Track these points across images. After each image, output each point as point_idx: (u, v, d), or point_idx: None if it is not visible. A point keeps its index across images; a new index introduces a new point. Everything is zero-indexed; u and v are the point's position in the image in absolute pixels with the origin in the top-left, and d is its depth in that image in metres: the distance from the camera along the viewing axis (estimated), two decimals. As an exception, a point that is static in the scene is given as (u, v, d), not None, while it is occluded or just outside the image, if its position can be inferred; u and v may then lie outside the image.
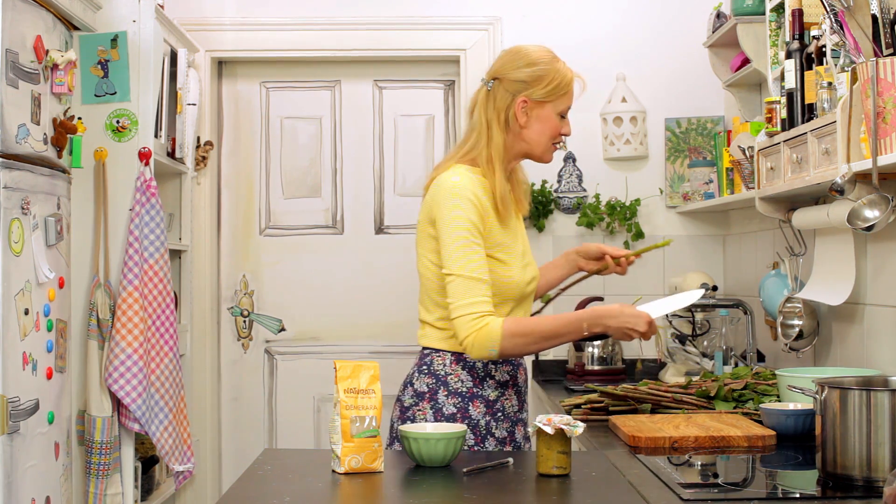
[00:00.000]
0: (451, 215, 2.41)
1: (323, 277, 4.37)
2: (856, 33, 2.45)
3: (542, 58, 2.54)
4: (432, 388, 2.50)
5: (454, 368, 2.50)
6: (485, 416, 2.50)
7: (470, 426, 2.48)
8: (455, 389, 2.49)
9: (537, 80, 2.52)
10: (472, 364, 2.50)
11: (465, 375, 2.50)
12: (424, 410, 2.49)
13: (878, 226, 2.42)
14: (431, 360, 2.52)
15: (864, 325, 2.86)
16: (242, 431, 4.36)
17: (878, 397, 1.97)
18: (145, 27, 3.32)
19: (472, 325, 2.36)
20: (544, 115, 2.54)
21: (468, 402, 2.49)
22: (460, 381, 2.50)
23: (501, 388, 2.53)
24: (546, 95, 2.53)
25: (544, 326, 2.40)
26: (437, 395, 2.50)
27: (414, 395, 2.52)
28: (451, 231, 2.40)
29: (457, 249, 2.39)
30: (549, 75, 2.53)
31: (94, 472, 3.14)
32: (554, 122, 2.55)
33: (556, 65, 2.55)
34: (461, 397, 2.49)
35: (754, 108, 3.71)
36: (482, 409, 2.50)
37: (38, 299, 2.80)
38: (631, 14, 4.27)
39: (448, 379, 2.50)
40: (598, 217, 4.18)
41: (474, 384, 2.50)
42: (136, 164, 3.31)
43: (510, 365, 2.55)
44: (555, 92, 2.53)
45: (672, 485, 2.01)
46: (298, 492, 1.99)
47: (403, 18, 4.27)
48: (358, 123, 4.41)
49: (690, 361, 3.75)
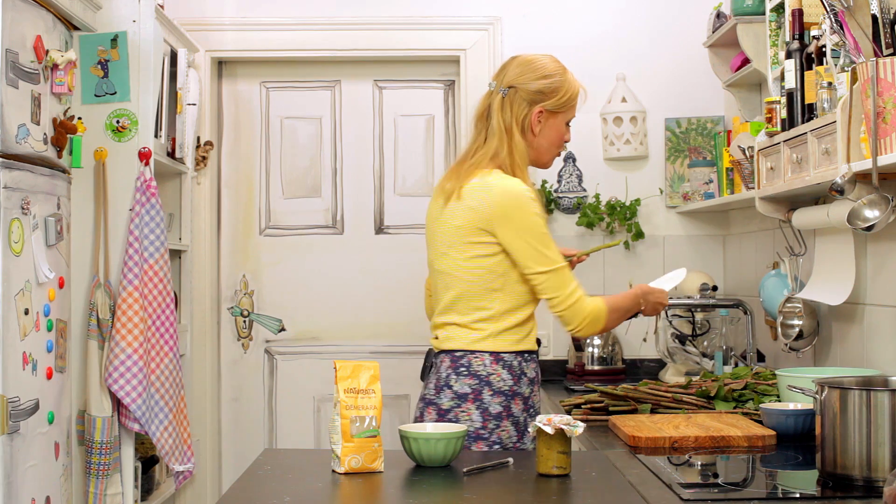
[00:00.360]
0: (531, 218, 2.53)
1: (323, 277, 4.37)
2: (856, 33, 2.45)
3: (557, 70, 2.67)
4: (476, 389, 2.54)
5: (495, 368, 2.55)
6: (523, 412, 2.57)
7: (512, 423, 2.54)
8: (499, 388, 2.55)
9: (553, 92, 2.64)
10: (510, 363, 2.56)
11: (506, 374, 2.56)
12: (469, 411, 2.53)
13: (878, 226, 2.42)
14: (469, 362, 2.56)
15: (864, 325, 2.86)
16: (242, 431, 4.36)
17: (878, 397, 1.97)
18: (145, 27, 3.32)
19: (583, 307, 2.54)
20: (556, 124, 2.67)
21: (510, 401, 2.55)
22: (502, 381, 2.55)
23: (531, 385, 2.61)
24: (559, 106, 2.65)
25: (622, 303, 2.65)
26: (481, 395, 2.54)
27: (454, 397, 2.55)
28: (533, 232, 2.53)
29: (545, 247, 2.53)
30: (563, 87, 2.66)
31: (94, 472, 3.14)
32: (562, 130, 2.69)
33: (567, 76, 2.68)
34: (504, 396, 2.55)
35: (754, 108, 3.71)
36: (521, 406, 2.57)
37: (38, 299, 2.80)
38: (631, 14, 4.27)
39: (491, 379, 2.55)
40: (598, 217, 4.18)
41: (514, 382, 2.56)
42: (136, 164, 3.31)
43: (534, 362, 2.64)
44: (567, 103, 2.67)
45: (672, 485, 2.02)
46: (298, 492, 1.99)
47: (403, 18, 4.27)
48: (358, 123, 4.41)
49: (690, 361, 3.76)
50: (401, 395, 4.31)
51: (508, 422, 2.53)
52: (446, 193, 2.61)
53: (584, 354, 4.00)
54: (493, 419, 2.52)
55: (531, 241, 2.52)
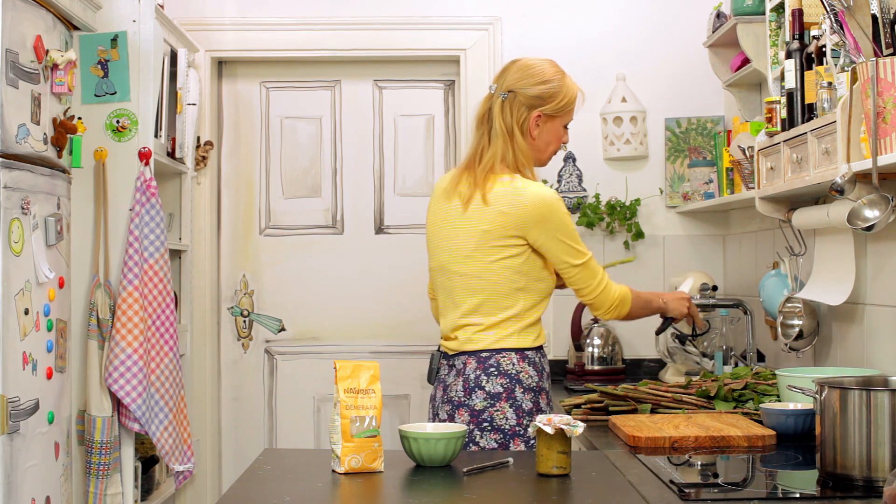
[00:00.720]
0: (563, 219, 2.65)
1: (323, 277, 4.37)
2: (856, 33, 2.45)
3: (555, 75, 2.74)
4: (508, 388, 2.60)
5: (522, 366, 2.63)
6: (548, 406, 2.69)
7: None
8: (529, 386, 2.62)
9: (551, 97, 2.72)
10: (533, 360, 2.65)
11: (532, 371, 2.64)
12: (503, 410, 2.59)
13: (878, 226, 2.42)
14: (498, 362, 2.61)
15: (864, 325, 2.86)
16: (242, 431, 4.36)
17: (878, 397, 1.97)
18: (145, 27, 3.32)
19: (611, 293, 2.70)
20: (553, 127, 2.75)
21: (538, 397, 2.64)
22: (530, 377, 2.63)
23: (548, 381, 2.72)
24: (557, 111, 2.73)
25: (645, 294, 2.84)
26: (514, 393, 2.60)
27: (487, 397, 2.60)
28: (566, 231, 2.65)
29: (576, 242, 2.66)
30: (561, 92, 2.73)
31: (94, 472, 3.14)
32: (560, 133, 2.77)
33: (565, 81, 2.75)
34: (534, 392, 2.63)
35: (754, 108, 3.71)
36: (546, 401, 2.67)
37: (38, 299, 2.80)
38: (631, 14, 4.27)
39: (520, 377, 2.62)
40: (598, 217, 4.18)
41: (539, 378, 2.66)
42: (136, 164, 3.31)
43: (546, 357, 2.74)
44: (565, 108, 2.74)
45: (672, 485, 2.01)
46: (298, 492, 1.99)
47: (403, 18, 4.27)
48: (358, 123, 4.41)
49: (690, 361, 3.76)
50: (401, 395, 4.31)
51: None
52: (464, 197, 2.66)
53: (584, 354, 4.00)
54: (526, 415, 2.60)
55: (565, 239, 2.63)
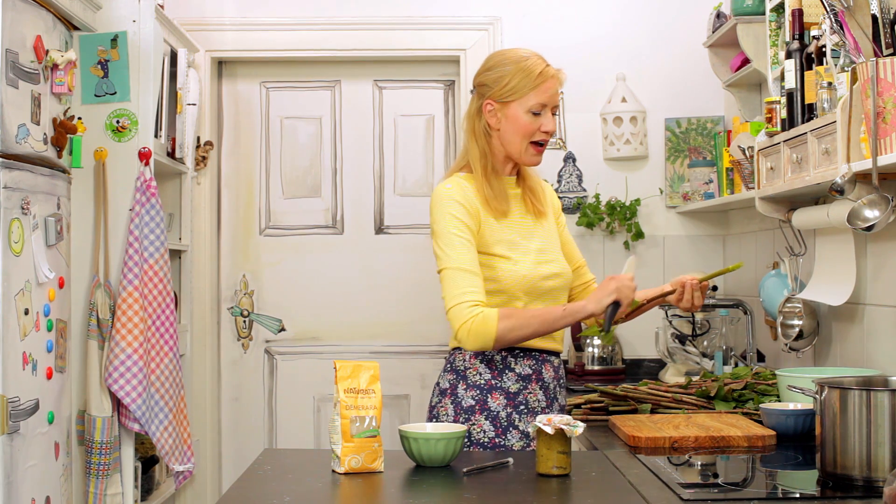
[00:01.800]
0: (441, 217, 2.49)
1: (323, 277, 4.37)
2: (856, 33, 2.45)
3: (507, 59, 2.56)
4: (453, 384, 2.57)
5: (473, 363, 2.56)
6: (505, 407, 2.53)
7: (489, 418, 2.52)
8: (474, 382, 2.54)
9: (496, 82, 2.55)
10: (491, 357, 2.54)
11: (484, 368, 2.55)
12: (446, 406, 2.56)
13: (878, 226, 2.42)
14: (454, 358, 2.59)
15: (864, 325, 2.86)
16: (242, 431, 4.36)
17: (878, 397, 1.97)
18: (145, 27, 3.32)
19: (466, 313, 2.41)
20: (511, 114, 2.55)
21: (487, 395, 2.53)
22: (478, 374, 2.55)
23: (524, 382, 2.56)
24: (506, 95, 2.54)
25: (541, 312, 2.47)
26: (457, 390, 2.55)
27: (439, 393, 2.60)
28: (441, 230, 2.49)
29: (447, 245, 2.47)
30: (507, 75, 2.54)
31: (94, 472, 3.14)
32: (522, 120, 2.54)
33: (519, 64, 2.54)
34: (479, 390, 2.54)
35: (754, 108, 3.71)
36: (502, 401, 2.53)
37: (38, 299, 2.80)
38: (631, 14, 4.27)
39: (467, 373, 2.55)
40: (598, 217, 4.18)
41: (493, 376, 2.54)
42: (136, 164, 3.31)
43: (532, 359, 2.57)
44: (515, 90, 2.53)
45: (672, 485, 2.01)
46: (298, 492, 1.99)
47: (403, 18, 4.27)
48: (358, 123, 4.41)
49: (690, 361, 3.76)
50: (401, 395, 4.31)
51: (482, 416, 2.52)
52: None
53: (584, 354, 4.00)
54: (463, 413, 2.53)
55: (436, 239, 2.50)
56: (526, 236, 2.59)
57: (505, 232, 2.55)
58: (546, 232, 2.65)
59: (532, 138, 2.56)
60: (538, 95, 2.53)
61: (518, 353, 2.56)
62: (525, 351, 2.56)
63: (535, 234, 2.61)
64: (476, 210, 2.51)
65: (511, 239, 2.55)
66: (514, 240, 2.56)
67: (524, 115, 2.54)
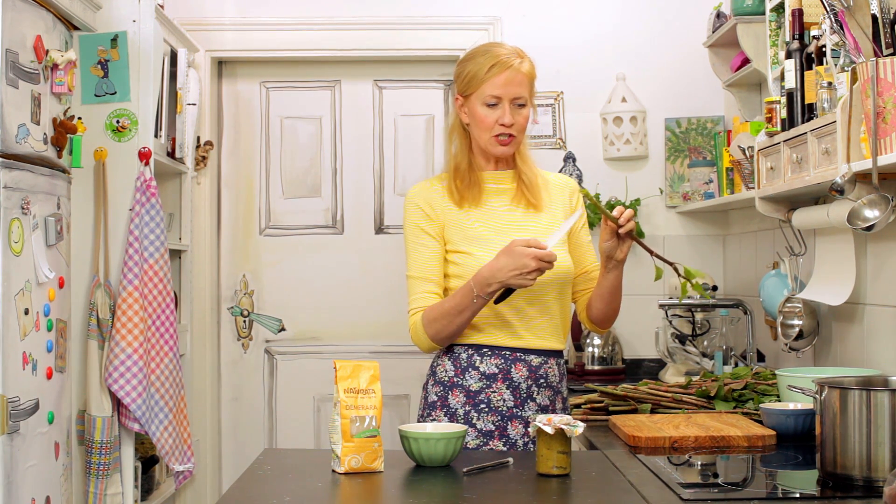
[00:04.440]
0: (405, 223, 2.63)
1: (323, 277, 4.37)
2: (856, 33, 2.45)
3: (473, 54, 2.57)
4: (426, 381, 2.65)
5: (442, 360, 2.61)
6: (464, 405, 2.53)
7: (447, 414, 2.55)
8: (439, 379, 2.59)
9: (457, 77, 2.58)
10: (458, 355, 2.57)
11: (449, 365, 2.58)
12: (421, 401, 2.65)
13: (878, 226, 2.42)
14: (434, 356, 2.66)
15: (864, 325, 2.86)
16: (242, 431, 4.36)
17: (878, 397, 1.97)
18: (145, 27, 3.32)
19: (410, 321, 2.58)
20: (471, 108, 2.56)
21: (448, 391, 2.56)
22: (444, 371, 2.59)
23: (487, 381, 2.53)
24: (465, 89, 2.56)
25: (448, 304, 2.49)
26: (427, 386, 2.63)
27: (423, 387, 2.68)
28: (405, 236, 2.63)
29: (407, 252, 2.61)
30: (466, 70, 2.55)
31: (94, 472, 3.14)
32: (479, 113, 2.53)
33: (478, 58, 2.53)
34: (443, 386, 2.57)
35: (754, 108, 3.71)
36: (461, 398, 2.54)
37: (38, 299, 2.80)
38: (631, 14, 4.27)
39: (436, 369, 2.61)
40: (598, 217, 4.18)
41: (456, 374, 2.56)
42: (136, 164, 3.31)
43: (500, 358, 2.53)
44: (470, 84, 2.53)
45: (672, 485, 2.01)
46: (298, 492, 1.99)
47: (403, 18, 4.27)
48: (358, 123, 4.41)
49: (690, 361, 3.75)
50: (401, 395, 4.31)
51: (442, 412, 2.55)
52: None
53: (584, 354, 4.00)
54: (427, 407, 2.59)
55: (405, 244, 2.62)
56: (502, 231, 2.55)
57: (475, 228, 2.55)
58: (542, 226, 2.59)
59: (491, 132, 2.53)
60: (491, 87, 2.50)
61: (485, 352, 2.54)
62: (494, 349, 2.54)
63: (524, 226, 2.58)
64: (434, 209, 2.57)
65: (478, 234, 2.54)
66: (482, 235, 2.54)
67: (480, 107, 2.52)
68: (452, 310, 2.47)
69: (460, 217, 2.57)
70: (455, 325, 2.48)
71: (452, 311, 2.47)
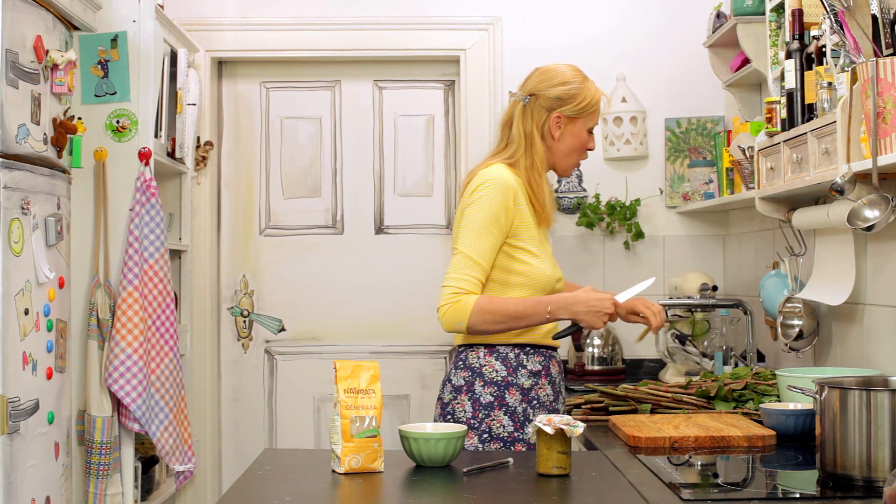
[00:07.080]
0: (479, 201, 2.61)
1: (323, 277, 4.37)
2: (856, 33, 2.45)
3: (575, 77, 2.77)
4: (468, 381, 2.65)
5: (488, 360, 2.65)
6: (521, 403, 2.63)
7: (507, 413, 2.61)
8: (490, 379, 2.63)
9: (571, 98, 2.73)
10: (505, 355, 2.64)
11: (499, 365, 2.64)
12: (462, 403, 2.64)
13: (878, 226, 2.42)
14: (466, 356, 2.68)
15: (864, 325, 2.86)
16: (242, 431, 4.36)
17: (878, 397, 1.97)
18: (145, 27, 3.32)
19: (451, 297, 2.55)
20: (576, 130, 2.75)
21: (504, 391, 2.63)
22: (494, 371, 2.64)
23: (535, 377, 2.66)
24: (578, 112, 2.74)
25: (512, 307, 2.58)
26: (473, 387, 2.64)
27: (452, 390, 2.67)
28: (474, 213, 2.61)
29: (472, 231, 2.59)
30: (581, 93, 2.75)
31: (94, 472, 3.14)
32: (583, 137, 2.77)
33: (586, 84, 2.77)
34: (497, 386, 2.63)
35: (754, 108, 3.71)
36: (518, 396, 2.63)
37: (38, 299, 2.80)
38: (631, 14, 4.27)
39: (483, 370, 2.64)
40: (598, 217, 4.18)
41: (508, 373, 2.64)
42: (136, 164, 3.31)
43: (541, 356, 2.68)
44: (585, 109, 2.75)
45: (672, 485, 2.01)
46: (298, 492, 1.99)
47: (403, 18, 4.27)
48: (358, 123, 4.41)
49: (690, 361, 3.75)
50: (401, 395, 4.31)
51: (501, 412, 2.61)
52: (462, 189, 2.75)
53: (584, 354, 4.00)
54: (483, 409, 2.61)
55: (468, 220, 2.61)
56: (545, 239, 2.76)
57: (538, 231, 2.70)
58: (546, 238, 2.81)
59: (581, 155, 2.80)
60: (597, 116, 2.79)
61: (529, 350, 2.67)
62: (535, 348, 2.68)
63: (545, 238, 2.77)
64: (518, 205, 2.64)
65: (540, 238, 2.71)
66: (540, 239, 2.71)
67: (584, 132, 2.76)
68: (516, 314, 2.57)
69: (531, 219, 2.69)
70: (507, 326, 2.59)
71: (515, 315, 2.58)
